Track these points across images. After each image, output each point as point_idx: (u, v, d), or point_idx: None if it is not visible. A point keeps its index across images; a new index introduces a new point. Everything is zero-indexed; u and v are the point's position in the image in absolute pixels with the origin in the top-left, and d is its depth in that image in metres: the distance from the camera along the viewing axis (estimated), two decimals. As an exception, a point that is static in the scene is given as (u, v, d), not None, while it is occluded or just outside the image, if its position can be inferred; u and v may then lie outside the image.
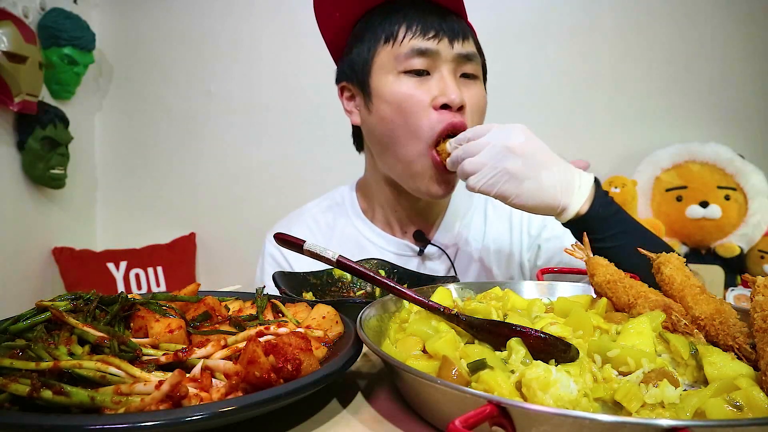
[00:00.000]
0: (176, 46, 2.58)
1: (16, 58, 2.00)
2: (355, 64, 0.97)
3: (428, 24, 0.91)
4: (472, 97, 0.94)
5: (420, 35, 0.90)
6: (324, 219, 1.14)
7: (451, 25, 0.91)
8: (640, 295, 0.61)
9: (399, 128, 0.92)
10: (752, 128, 2.14)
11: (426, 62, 0.91)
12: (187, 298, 0.62)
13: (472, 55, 0.94)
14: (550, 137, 2.46)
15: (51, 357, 0.44)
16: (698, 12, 2.16)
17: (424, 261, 1.07)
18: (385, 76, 0.93)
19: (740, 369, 0.47)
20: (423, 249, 1.06)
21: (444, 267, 1.05)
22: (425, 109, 0.90)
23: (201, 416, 0.38)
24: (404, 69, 0.91)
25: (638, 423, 0.35)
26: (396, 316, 0.63)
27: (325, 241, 1.11)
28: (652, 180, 2.05)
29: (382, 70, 0.94)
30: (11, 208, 2.18)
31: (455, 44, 0.91)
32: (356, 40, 0.98)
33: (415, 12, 0.92)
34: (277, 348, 0.46)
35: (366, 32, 0.96)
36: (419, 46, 0.90)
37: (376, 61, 0.94)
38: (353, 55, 0.98)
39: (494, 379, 0.43)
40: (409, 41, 0.91)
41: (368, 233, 1.10)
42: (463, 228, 1.09)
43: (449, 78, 0.91)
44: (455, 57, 0.92)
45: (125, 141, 2.67)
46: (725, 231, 1.95)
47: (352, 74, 0.99)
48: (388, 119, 0.93)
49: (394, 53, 0.92)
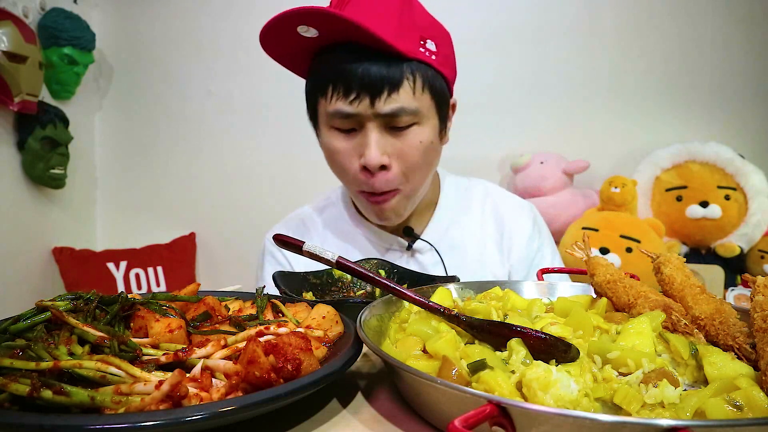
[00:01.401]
0: (176, 46, 2.58)
1: (16, 58, 2.00)
2: (308, 99, 1.01)
3: (349, 83, 0.89)
4: (402, 149, 0.94)
5: (342, 97, 0.91)
6: (320, 218, 1.19)
7: (373, 81, 0.88)
8: (640, 295, 0.61)
9: (336, 170, 1.01)
10: (752, 128, 2.14)
11: (350, 122, 0.93)
12: (187, 298, 0.62)
13: (398, 111, 0.90)
14: (551, 137, 2.46)
15: (51, 357, 0.44)
16: (698, 12, 2.16)
17: (414, 255, 1.11)
18: (322, 124, 0.98)
19: (740, 369, 0.47)
20: (411, 244, 1.10)
21: (433, 261, 1.09)
22: (352, 162, 0.95)
23: (201, 416, 0.38)
24: (333, 125, 0.96)
25: (638, 423, 0.35)
26: (396, 316, 0.63)
27: (320, 239, 1.15)
28: (652, 180, 2.05)
29: (320, 117, 0.98)
30: (11, 208, 2.18)
31: (377, 103, 0.89)
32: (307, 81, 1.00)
33: (342, 66, 0.90)
34: (277, 348, 0.46)
35: (310, 77, 0.99)
36: (341, 109, 0.91)
37: (318, 108, 0.98)
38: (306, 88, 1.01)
39: (494, 379, 0.42)
40: (335, 102, 0.92)
41: (361, 229, 1.14)
42: (453, 225, 1.13)
43: (372, 138, 0.92)
44: (377, 115, 0.91)
45: (125, 141, 2.67)
46: (725, 231, 1.94)
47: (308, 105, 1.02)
48: (328, 158, 1.01)
49: (325, 107, 0.95)
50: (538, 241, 1.14)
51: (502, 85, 2.29)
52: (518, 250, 1.11)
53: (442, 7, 1.45)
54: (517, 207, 1.18)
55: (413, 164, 0.96)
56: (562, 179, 2.11)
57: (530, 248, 1.12)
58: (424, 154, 0.97)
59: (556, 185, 2.10)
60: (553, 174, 2.10)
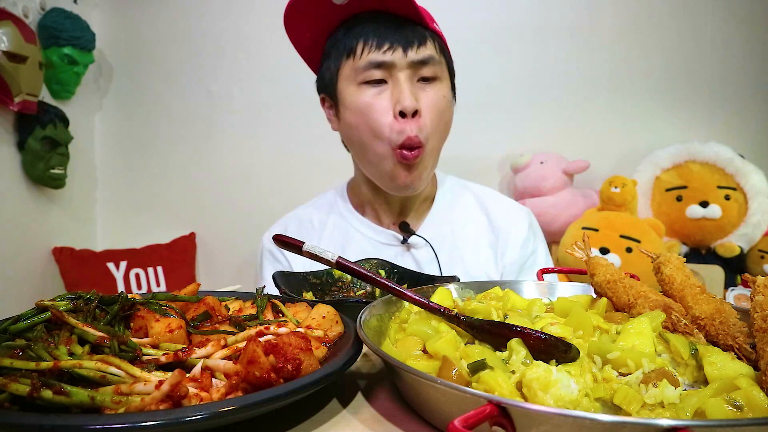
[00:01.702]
0: (176, 46, 2.58)
1: (16, 58, 2.00)
2: (326, 77, 1.07)
3: (383, 37, 0.99)
4: (428, 100, 1.01)
5: (376, 49, 0.99)
6: (317, 216, 1.22)
7: (405, 35, 0.99)
8: (640, 295, 0.61)
9: (364, 133, 1.02)
10: (752, 128, 2.14)
11: (383, 72, 1.00)
12: (187, 298, 0.62)
13: (428, 58, 1.00)
14: (551, 137, 2.46)
15: (51, 357, 0.44)
16: (698, 12, 2.16)
17: (409, 249, 1.13)
18: (349, 87, 1.03)
19: (740, 369, 0.47)
20: (406, 239, 1.13)
21: (428, 258, 1.11)
22: (386, 113, 1.00)
23: (201, 416, 0.38)
24: (363, 80, 1.01)
25: (638, 423, 0.35)
26: (396, 316, 0.63)
27: (317, 237, 1.18)
28: (652, 180, 2.05)
29: (346, 81, 1.03)
30: (11, 208, 2.18)
31: (409, 52, 0.99)
32: (326, 56, 1.07)
33: (373, 27, 1.00)
34: (277, 348, 0.46)
35: (332, 48, 1.05)
36: (375, 59, 0.99)
37: (341, 74, 1.04)
38: (324, 68, 1.08)
39: (494, 379, 0.42)
40: (366, 55, 0.99)
41: (357, 225, 1.17)
42: (449, 223, 1.17)
43: (404, 85, 0.99)
44: (410, 63, 0.99)
45: (125, 141, 2.67)
46: (725, 231, 1.94)
47: (325, 86, 1.09)
48: (354, 125, 1.03)
49: (354, 66, 1.01)
50: (533, 244, 1.17)
51: (502, 85, 2.29)
52: (512, 252, 1.14)
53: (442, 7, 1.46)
54: (515, 210, 1.21)
55: (437, 117, 1.02)
56: (562, 179, 2.11)
57: (525, 251, 1.15)
58: (445, 111, 1.04)
59: (556, 185, 2.10)
60: (553, 174, 2.10)
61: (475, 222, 1.17)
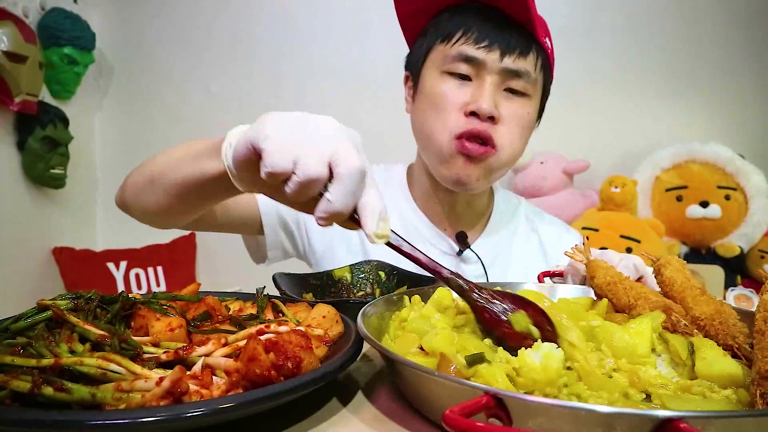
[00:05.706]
0: (176, 46, 2.58)
1: (16, 58, 2.00)
2: (415, 55, 1.01)
3: (484, 33, 0.91)
4: (510, 111, 0.93)
5: (472, 42, 0.91)
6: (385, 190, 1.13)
7: (508, 39, 0.91)
8: (640, 296, 0.61)
9: (432, 122, 0.95)
10: (752, 128, 2.14)
11: (470, 69, 0.92)
12: (187, 298, 0.62)
13: (522, 72, 0.92)
14: (551, 137, 2.45)
15: (52, 354, 0.44)
16: (698, 12, 2.16)
17: (461, 263, 1.06)
18: (432, 71, 0.96)
19: (729, 368, 0.48)
20: (462, 251, 1.05)
21: (477, 272, 1.04)
22: (456, 110, 0.93)
23: (201, 412, 0.38)
24: (448, 70, 0.94)
25: (634, 414, 0.35)
26: (396, 315, 0.64)
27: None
28: (652, 180, 2.05)
29: (431, 65, 0.97)
30: (11, 208, 2.18)
31: (506, 58, 0.91)
32: (423, 34, 1.00)
33: (480, 18, 0.92)
34: (278, 346, 0.46)
35: (431, 27, 0.98)
36: (467, 53, 0.91)
37: (429, 56, 0.97)
38: (416, 46, 1.01)
39: (491, 373, 0.43)
40: (460, 45, 0.92)
41: (414, 219, 1.09)
42: (503, 239, 1.10)
43: (488, 88, 0.91)
44: (501, 70, 0.91)
45: (125, 141, 2.66)
46: (725, 231, 1.95)
47: (411, 64, 1.03)
48: (423, 112, 0.97)
49: (444, 52, 0.94)
50: None
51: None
52: None
53: (442, 7, 1.45)
54: (564, 232, 1.16)
55: (514, 132, 0.94)
56: (562, 179, 2.11)
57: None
58: (526, 128, 0.97)
59: (556, 185, 2.11)
60: (553, 174, 2.10)
61: (527, 241, 1.12)
